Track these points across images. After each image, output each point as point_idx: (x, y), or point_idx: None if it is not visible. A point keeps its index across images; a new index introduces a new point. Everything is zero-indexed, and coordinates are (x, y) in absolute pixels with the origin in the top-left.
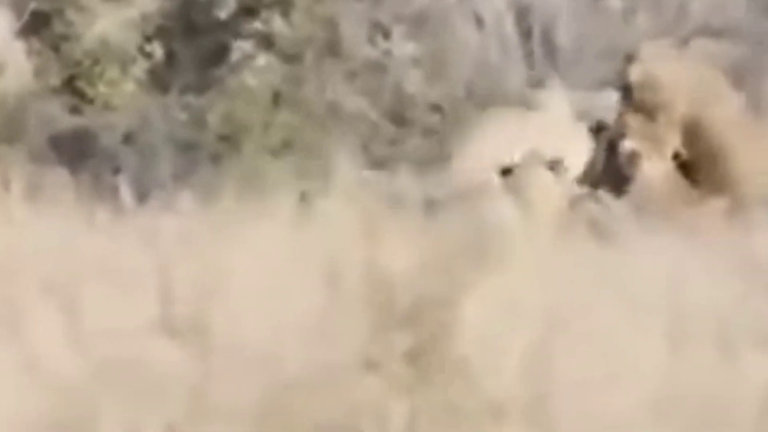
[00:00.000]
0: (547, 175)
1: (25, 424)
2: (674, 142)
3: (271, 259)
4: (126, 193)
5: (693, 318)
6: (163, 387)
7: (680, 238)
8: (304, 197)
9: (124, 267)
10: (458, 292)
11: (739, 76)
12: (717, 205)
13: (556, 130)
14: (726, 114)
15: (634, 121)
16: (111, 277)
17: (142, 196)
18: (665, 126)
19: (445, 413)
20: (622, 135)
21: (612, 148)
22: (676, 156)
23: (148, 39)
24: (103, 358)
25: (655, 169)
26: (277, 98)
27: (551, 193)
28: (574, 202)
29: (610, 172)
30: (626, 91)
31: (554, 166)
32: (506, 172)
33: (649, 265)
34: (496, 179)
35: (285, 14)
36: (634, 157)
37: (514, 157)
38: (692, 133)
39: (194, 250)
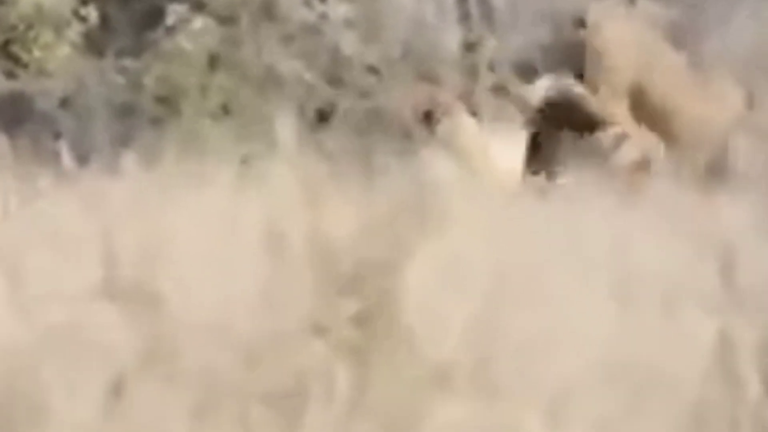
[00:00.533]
0: (471, 122)
1: None
2: (623, 109)
3: (215, 224)
4: (66, 157)
5: (639, 280)
6: (107, 351)
7: (625, 198)
8: (245, 161)
9: (67, 231)
10: (401, 256)
11: (678, 37)
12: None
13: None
14: (669, 75)
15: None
16: (54, 241)
17: (82, 159)
18: (611, 96)
19: (391, 378)
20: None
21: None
22: None
23: (83, 2)
24: (46, 322)
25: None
26: (213, 61)
27: (480, 141)
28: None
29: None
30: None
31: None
32: (428, 116)
33: (595, 225)
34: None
35: None
36: (619, 140)
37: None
38: (638, 98)
39: (137, 214)
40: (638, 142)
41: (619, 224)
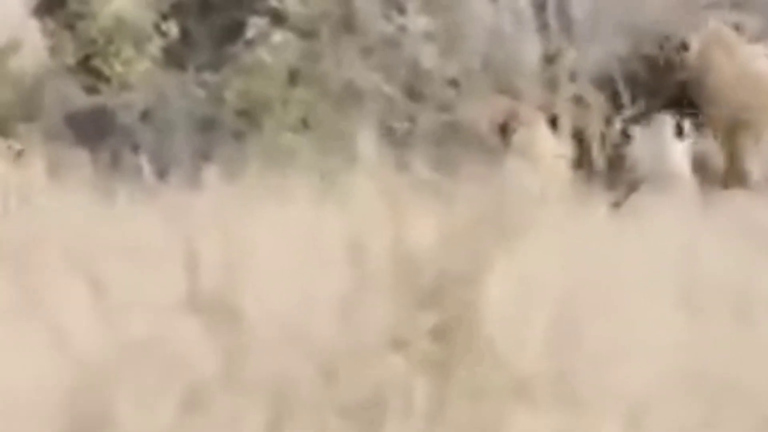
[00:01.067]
0: (548, 133)
1: (49, 399)
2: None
3: (296, 236)
4: (147, 171)
5: (711, 289)
6: (185, 363)
7: (692, 207)
8: (325, 174)
9: (150, 243)
10: (481, 268)
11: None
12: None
13: None
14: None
15: None
16: (136, 253)
17: (161, 172)
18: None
19: (470, 390)
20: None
21: None
22: None
23: (164, 17)
24: (128, 333)
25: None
26: (293, 75)
27: (557, 152)
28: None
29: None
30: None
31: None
32: (505, 128)
33: (666, 234)
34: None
35: None
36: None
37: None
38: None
39: (219, 227)
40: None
41: (690, 233)
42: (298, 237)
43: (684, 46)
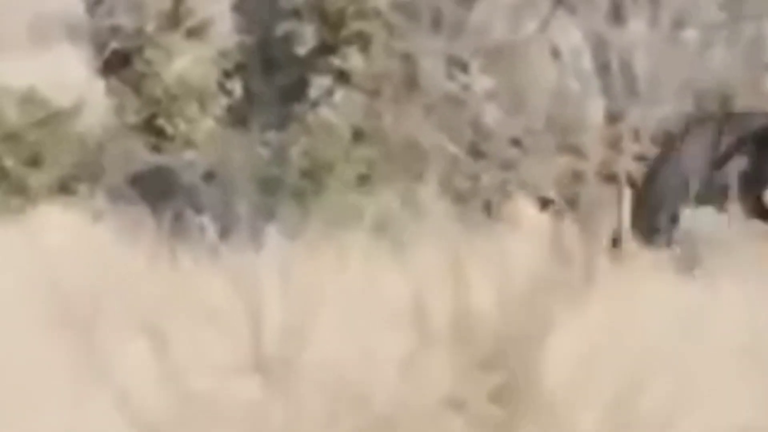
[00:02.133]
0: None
1: None
2: None
3: (358, 296)
4: (210, 232)
5: None
6: (250, 422)
7: (757, 274)
8: (389, 233)
9: (213, 304)
10: (542, 330)
11: None
12: None
13: None
14: None
15: None
16: (199, 313)
17: (224, 232)
18: None
19: None
20: None
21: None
22: None
23: (227, 75)
24: (192, 394)
25: None
26: (357, 133)
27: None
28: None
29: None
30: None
31: None
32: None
33: (730, 303)
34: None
35: (363, 50)
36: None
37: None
38: None
39: (282, 287)
40: None
41: (755, 297)
42: (360, 296)
43: None
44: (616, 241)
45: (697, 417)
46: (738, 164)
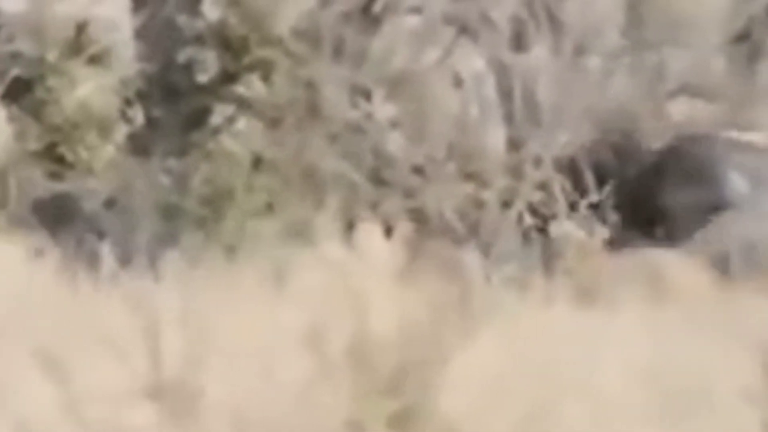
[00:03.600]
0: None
1: None
2: None
3: (257, 323)
4: (109, 259)
5: (677, 374)
6: None
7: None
8: (288, 260)
9: (113, 332)
10: (442, 356)
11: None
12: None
13: None
14: None
15: None
16: (99, 341)
17: (125, 259)
18: None
19: None
20: None
21: None
22: None
23: (129, 103)
24: (90, 421)
25: None
26: (258, 161)
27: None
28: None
29: None
30: None
31: None
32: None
33: (631, 325)
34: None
35: (265, 78)
36: None
37: None
38: None
39: (181, 314)
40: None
41: (656, 323)
42: (259, 323)
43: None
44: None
45: None
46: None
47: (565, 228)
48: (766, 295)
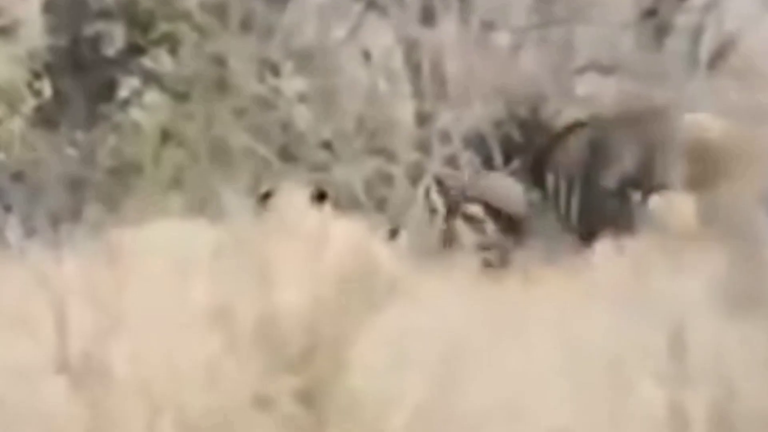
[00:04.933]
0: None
1: None
2: None
3: (164, 298)
4: (14, 232)
5: (588, 353)
6: (54, 423)
7: (572, 274)
8: (195, 235)
9: (18, 306)
10: (349, 331)
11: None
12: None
13: None
14: None
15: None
16: (4, 315)
17: (30, 233)
18: None
19: None
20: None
21: None
22: None
23: (37, 76)
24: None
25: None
26: (165, 135)
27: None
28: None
29: None
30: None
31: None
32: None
33: (544, 300)
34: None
35: (173, 51)
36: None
37: None
38: None
39: (88, 289)
40: None
41: (568, 299)
42: (166, 299)
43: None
44: (393, 233)
45: (514, 417)
46: None
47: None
48: (674, 272)
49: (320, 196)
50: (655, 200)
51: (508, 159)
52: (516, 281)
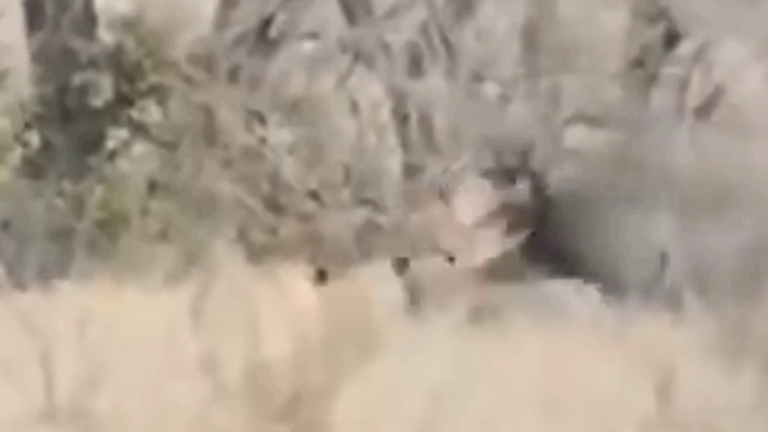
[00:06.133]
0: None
1: None
2: None
3: (153, 349)
4: (3, 281)
5: (571, 399)
6: None
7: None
8: (184, 286)
9: (6, 354)
10: (337, 380)
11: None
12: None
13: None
14: None
15: None
16: None
17: (19, 283)
18: None
19: None
20: None
21: None
22: None
23: (25, 126)
24: None
25: None
26: (153, 186)
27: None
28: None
29: None
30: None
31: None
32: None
33: (526, 346)
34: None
35: (161, 102)
36: None
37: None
38: None
39: (77, 337)
40: None
41: (551, 344)
42: (154, 348)
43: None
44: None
45: None
46: None
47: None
48: (662, 325)
49: (321, 275)
50: None
51: None
52: (500, 327)
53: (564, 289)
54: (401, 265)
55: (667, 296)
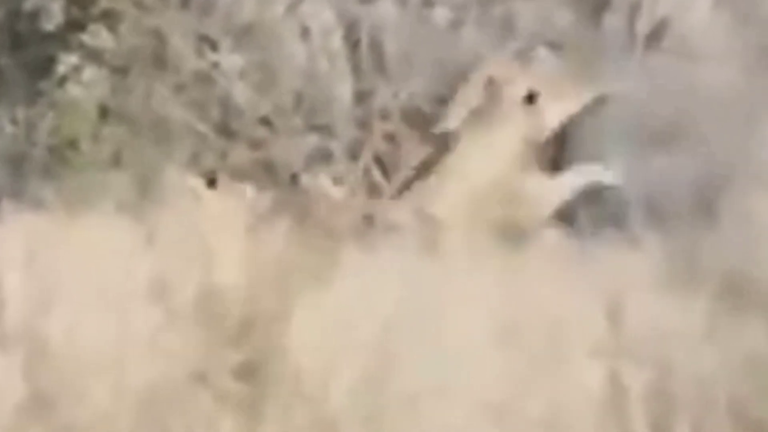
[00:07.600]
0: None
1: None
2: None
3: (105, 272)
4: None
5: (525, 326)
6: None
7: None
8: (136, 210)
9: None
10: (289, 306)
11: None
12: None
13: None
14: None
15: None
16: None
17: None
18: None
19: (279, 430)
20: None
21: None
22: None
23: None
24: None
25: None
26: (104, 111)
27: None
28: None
29: None
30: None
31: None
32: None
33: (482, 274)
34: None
35: (112, 27)
36: None
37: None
38: None
39: (26, 263)
40: None
41: (507, 272)
42: (107, 272)
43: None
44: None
45: (450, 393)
46: None
47: None
48: (615, 253)
49: (211, 182)
50: None
51: None
52: (455, 256)
53: None
54: None
55: (620, 225)
